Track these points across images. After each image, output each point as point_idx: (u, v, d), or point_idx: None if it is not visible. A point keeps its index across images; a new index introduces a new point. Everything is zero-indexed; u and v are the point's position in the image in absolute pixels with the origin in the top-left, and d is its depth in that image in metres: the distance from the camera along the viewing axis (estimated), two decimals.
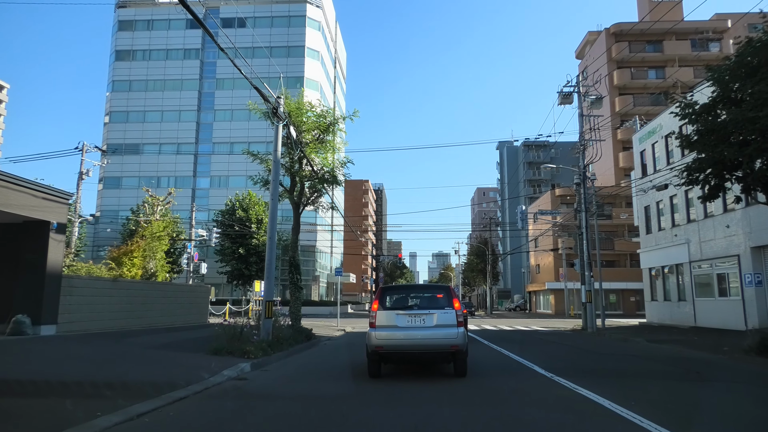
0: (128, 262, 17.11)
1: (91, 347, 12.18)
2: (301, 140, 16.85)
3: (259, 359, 10.77)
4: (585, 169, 24.50)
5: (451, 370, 8.87)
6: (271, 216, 13.34)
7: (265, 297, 12.90)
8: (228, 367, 9.50)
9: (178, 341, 13.53)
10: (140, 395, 6.43)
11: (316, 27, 60.54)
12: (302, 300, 17.36)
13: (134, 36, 59.87)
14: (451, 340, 8.11)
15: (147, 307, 17.30)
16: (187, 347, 12.15)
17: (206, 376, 8.54)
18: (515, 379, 8.80)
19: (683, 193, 23.91)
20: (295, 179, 17.46)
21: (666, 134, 25.57)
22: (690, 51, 49.99)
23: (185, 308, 18.78)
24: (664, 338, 18.07)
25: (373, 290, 61.70)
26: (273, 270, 13.11)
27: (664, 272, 26.00)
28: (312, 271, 57.12)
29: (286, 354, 12.43)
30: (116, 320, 15.64)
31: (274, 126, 13.69)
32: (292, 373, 9.77)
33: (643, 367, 10.90)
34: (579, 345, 16.56)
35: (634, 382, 8.46)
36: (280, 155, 13.72)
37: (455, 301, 8.56)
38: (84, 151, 33.10)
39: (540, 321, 35.13)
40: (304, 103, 17.56)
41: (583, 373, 9.25)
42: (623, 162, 49.35)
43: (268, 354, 11.39)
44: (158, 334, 15.37)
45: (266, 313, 12.72)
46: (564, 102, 25.92)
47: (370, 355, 8.41)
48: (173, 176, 57.12)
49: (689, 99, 13.42)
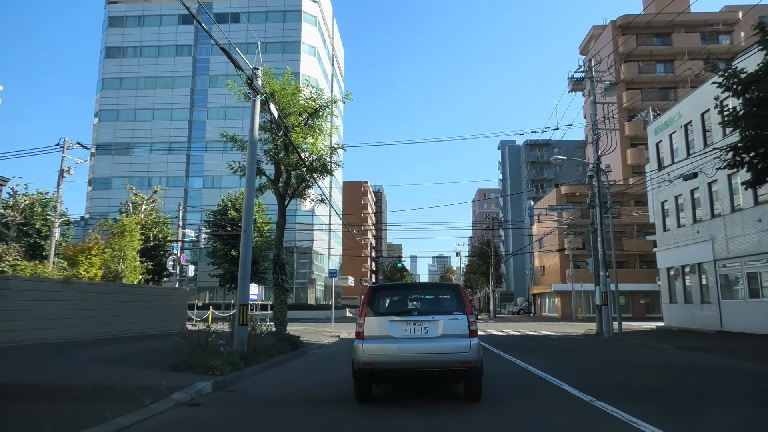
0: (85, 261, 15.13)
1: (14, 364, 9.98)
2: (287, 124, 15.01)
3: (227, 376, 8.88)
4: (599, 160, 22.62)
5: (459, 391, 7.08)
6: (246, 206, 11.46)
7: (239, 300, 11.00)
8: (183, 387, 7.60)
9: (137, 353, 11.55)
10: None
11: (312, 22, 58.75)
12: (290, 304, 15.48)
13: (125, 32, 58.06)
14: (462, 354, 6.29)
15: (110, 313, 15.20)
16: (144, 361, 10.20)
17: (147, 403, 6.65)
18: (545, 404, 6.89)
19: (706, 186, 22.01)
20: (280, 168, 15.60)
21: (685, 123, 23.71)
22: (699, 44, 48.18)
23: (159, 313, 16.73)
24: (692, 345, 16.20)
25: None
26: (248, 269, 11.21)
27: (684, 272, 24.08)
28: (308, 274, 55.09)
29: (263, 367, 10.53)
30: (69, 328, 13.56)
31: (251, 101, 11.84)
32: (263, 395, 7.88)
33: (694, 383, 8.98)
34: (601, 353, 14.66)
35: (701, 408, 6.54)
36: (257, 135, 11.88)
37: (466, 303, 6.74)
38: (65, 147, 31.30)
39: (547, 325, 33.22)
40: (292, 84, 15.72)
41: (627, 395, 7.36)
42: (632, 159, 47.48)
43: (239, 368, 9.50)
44: (119, 344, 13.39)
45: (240, 318, 10.81)
46: (575, 89, 24.11)
47: (357, 375, 6.58)
48: (165, 176, 55.17)
49: (734, 68, 11.52)
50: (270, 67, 15.23)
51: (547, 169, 73.80)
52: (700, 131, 22.39)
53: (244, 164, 16.11)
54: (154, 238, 32.62)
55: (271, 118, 13.61)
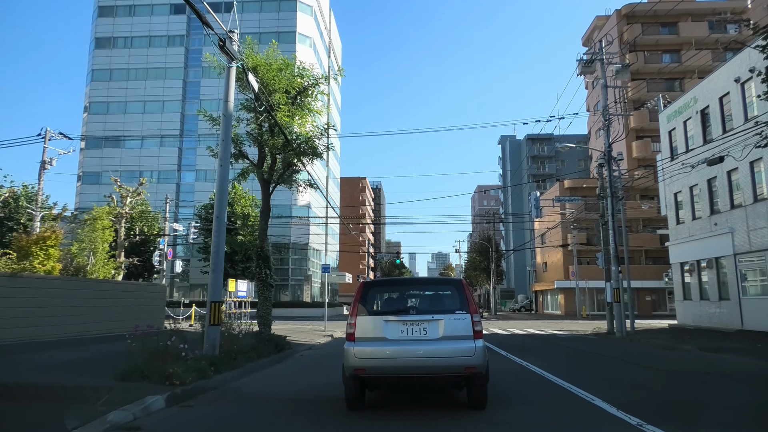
0: (41, 253, 13.55)
1: None
2: (272, 102, 13.51)
3: (188, 386, 7.42)
4: (610, 147, 21.16)
5: (462, 397, 6.28)
6: (219, 188, 9.97)
7: (210, 296, 9.51)
8: (126, 403, 6.15)
9: (91, 358, 9.94)
10: None
11: (308, 12, 57.11)
12: (285, 301, 14.01)
13: (115, 22, 56.32)
14: (465, 358, 5.67)
15: (70, 311, 13.48)
16: (95, 368, 8.65)
17: (70, 427, 5.20)
18: (577, 425, 5.45)
19: (725, 175, 20.57)
20: (264, 151, 14.11)
21: (701, 108, 22.25)
22: (707, 33, 46.66)
23: (131, 312, 15.09)
24: (717, 345, 14.77)
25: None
26: (221, 260, 9.73)
27: (700, 267, 22.64)
28: (304, 270, 53.52)
29: (237, 374, 9.06)
30: (16, 329, 11.83)
31: (225, 69, 10.35)
32: (228, 412, 6.41)
33: (754, 396, 7.53)
34: (620, 356, 13.24)
35: None
36: (231, 108, 10.38)
37: (470, 301, 6.03)
38: (47, 138, 29.79)
39: (552, 323, 31.79)
40: (278, 60, 14.23)
41: (682, 416, 5.91)
42: (637, 151, 45.99)
43: (205, 377, 8.04)
44: (75, 347, 11.77)
45: (211, 318, 9.33)
46: (585, 71, 22.62)
47: (348, 381, 5.93)
48: (156, 170, 53.53)
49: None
50: (264, 58, 13.77)
51: (549, 164, 72.39)
52: (718, 116, 20.93)
53: (233, 150, 14.79)
54: (141, 232, 31.13)
55: (252, 93, 12.11)
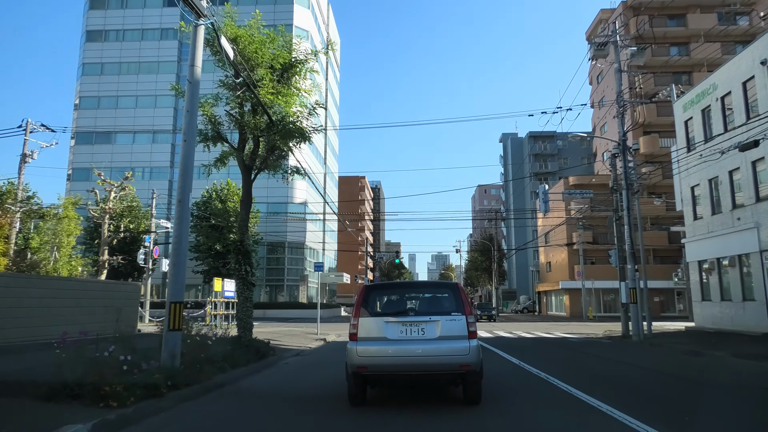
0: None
1: None
2: (254, 79, 12.02)
3: (128, 409, 5.89)
4: (624, 136, 19.65)
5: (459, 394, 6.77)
6: (182, 167, 8.46)
7: (169, 296, 7.96)
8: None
9: (22, 370, 8.13)
10: None
11: (305, 5, 55.57)
12: (281, 303, 12.50)
13: (107, 15, 54.73)
14: (460, 357, 6.19)
15: (19, 313, 11.90)
16: (20, 384, 6.91)
17: None
18: None
19: (749, 166, 19.04)
20: (245, 133, 12.61)
21: (722, 95, 20.72)
22: (716, 25, 45.21)
23: (97, 313, 13.30)
24: (751, 351, 13.28)
25: None
26: (184, 252, 8.21)
27: (721, 266, 21.11)
28: (300, 270, 51.90)
29: (201, 389, 7.52)
30: None
31: (192, 28, 8.87)
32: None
33: None
34: (644, 364, 11.71)
35: None
36: (198, 73, 8.96)
37: (465, 303, 6.56)
38: (28, 130, 28.31)
39: (558, 325, 30.29)
40: (261, 32, 12.74)
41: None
42: (644, 147, 44.43)
43: (156, 395, 6.50)
44: (17, 355, 9.77)
45: (170, 322, 7.79)
46: (597, 55, 21.12)
47: (351, 378, 6.44)
48: (149, 166, 51.93)
49: None
50: (246, 29, 12.33)
51: (551, 161, 70.91)
52: (741, 102, 19.41)
53: (204, 131, 13.30)
54: (126, 229, 29.58)
55: (228, 61, 10.60)
